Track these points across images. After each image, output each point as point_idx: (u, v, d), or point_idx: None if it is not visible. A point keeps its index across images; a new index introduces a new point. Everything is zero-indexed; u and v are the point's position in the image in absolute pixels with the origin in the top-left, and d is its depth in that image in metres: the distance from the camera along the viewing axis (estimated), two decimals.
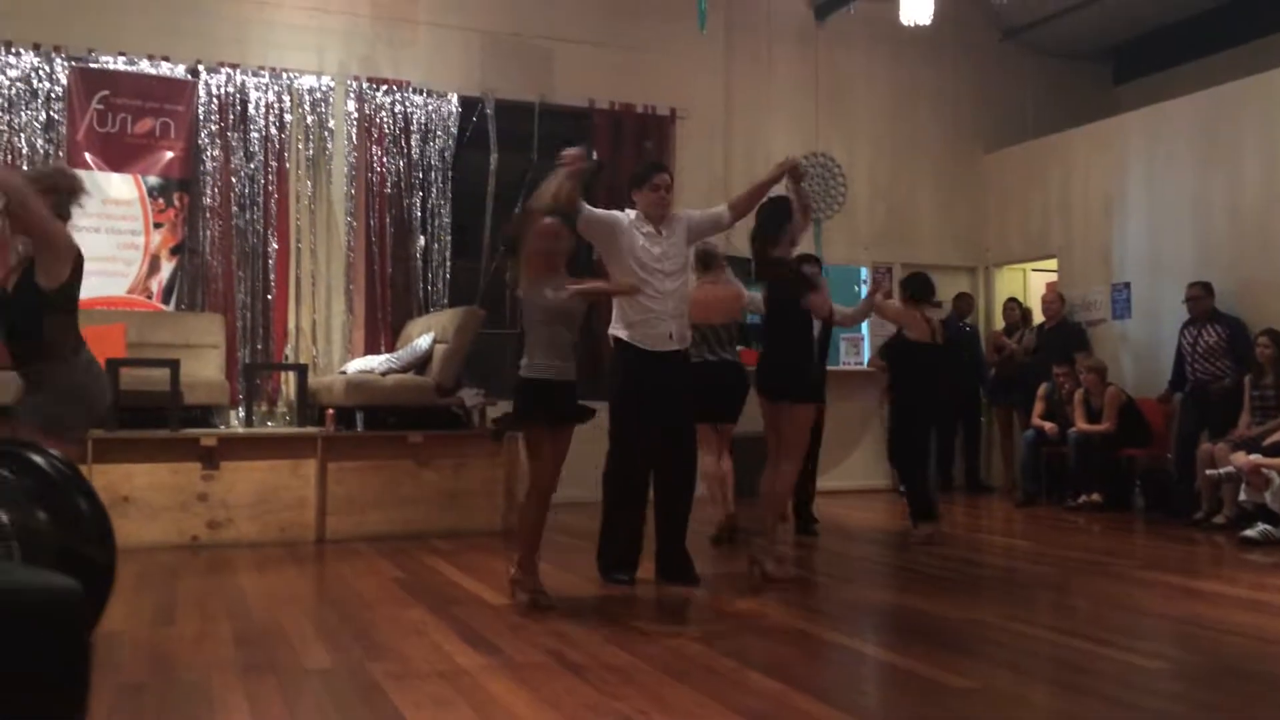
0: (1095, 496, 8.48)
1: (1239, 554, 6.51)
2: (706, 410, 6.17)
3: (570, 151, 4.96)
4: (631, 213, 5.36)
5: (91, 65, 8.02)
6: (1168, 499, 8.34)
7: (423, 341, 7.51)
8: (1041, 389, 9.21)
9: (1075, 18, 10.41)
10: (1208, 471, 7.52)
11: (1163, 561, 6.32)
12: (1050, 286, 10.25)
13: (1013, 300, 10.40)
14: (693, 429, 5.46)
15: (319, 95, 8.63)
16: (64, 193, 4.20)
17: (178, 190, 8.22)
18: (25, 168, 7.37)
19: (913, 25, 8.86)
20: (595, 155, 9.48)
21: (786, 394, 5.36)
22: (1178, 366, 8.43)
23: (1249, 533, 6.77)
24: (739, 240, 9.57)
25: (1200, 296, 8.24)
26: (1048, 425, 8.96)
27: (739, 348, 6.78)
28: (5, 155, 7.78)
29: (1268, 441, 7.14)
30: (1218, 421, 7.87)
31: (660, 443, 5.19)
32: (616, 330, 5.26)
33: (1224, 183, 8.65)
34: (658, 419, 5.15)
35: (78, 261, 4.14)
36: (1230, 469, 7.22)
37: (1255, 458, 6.97)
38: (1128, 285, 9.42)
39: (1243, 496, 7.09)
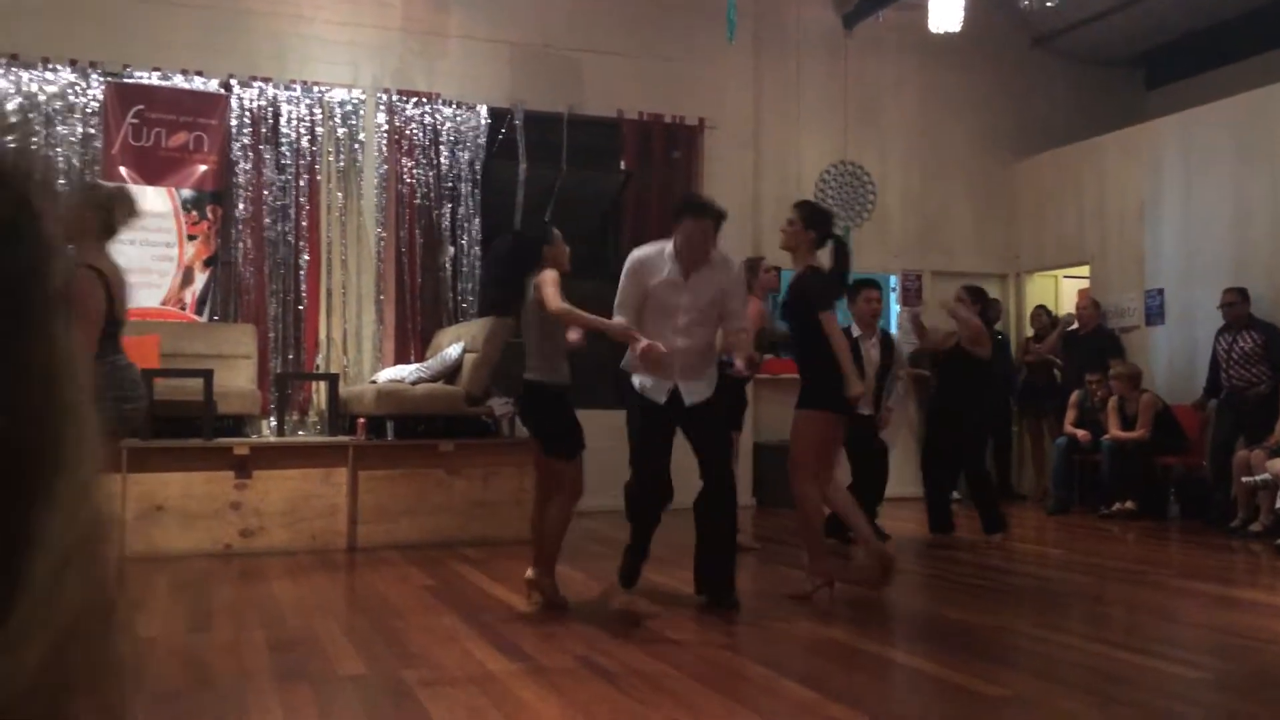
0: (1129, 504, 8.39)
1: (1276, 562, 6.42)
2: None
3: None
4: (668, 246, 4.94)
5: (127, 80, 8.13)
6: (1203, 506, 8.26)
7: (452, 351, 7.55)
8: (1074, 396, 9.14)
9: (1105, 24, 10.35)
10: (1244, 478, 7.44)
11: (1198, 570, 6.25)
12: (1083, 293, 10.17)
13: (1041, 307, 10.33)
14: (722, 452, 5.06)
15: (350, 108, 8.71)
16: (113, 211, 4.29)
17: (211, 203, 8.31)
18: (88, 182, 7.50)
19: (942, 33, 8.84)
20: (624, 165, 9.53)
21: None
22: (1213, 373, 8.34)
23: None
24: (768, 251, 9.62)
25: (1236, 302, 8.16)
26: (1080, 433, 8.89)
27: (766, 356, 6.80)
28: None
29: None
30: (1254, 428, 7.79)
31: (667, 474, 4.93)
32: (627, 366, 5.00)
33: (1260, 188, 8.55)
34: (664, 454, 4.91)
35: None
36: (1266, 476, 7.14)
37: None
38: (1161, 291, 9.33)
39: (1279, 504, 7.01)
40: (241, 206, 8.42)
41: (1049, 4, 7.93)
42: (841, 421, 5.20)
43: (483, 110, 9.06)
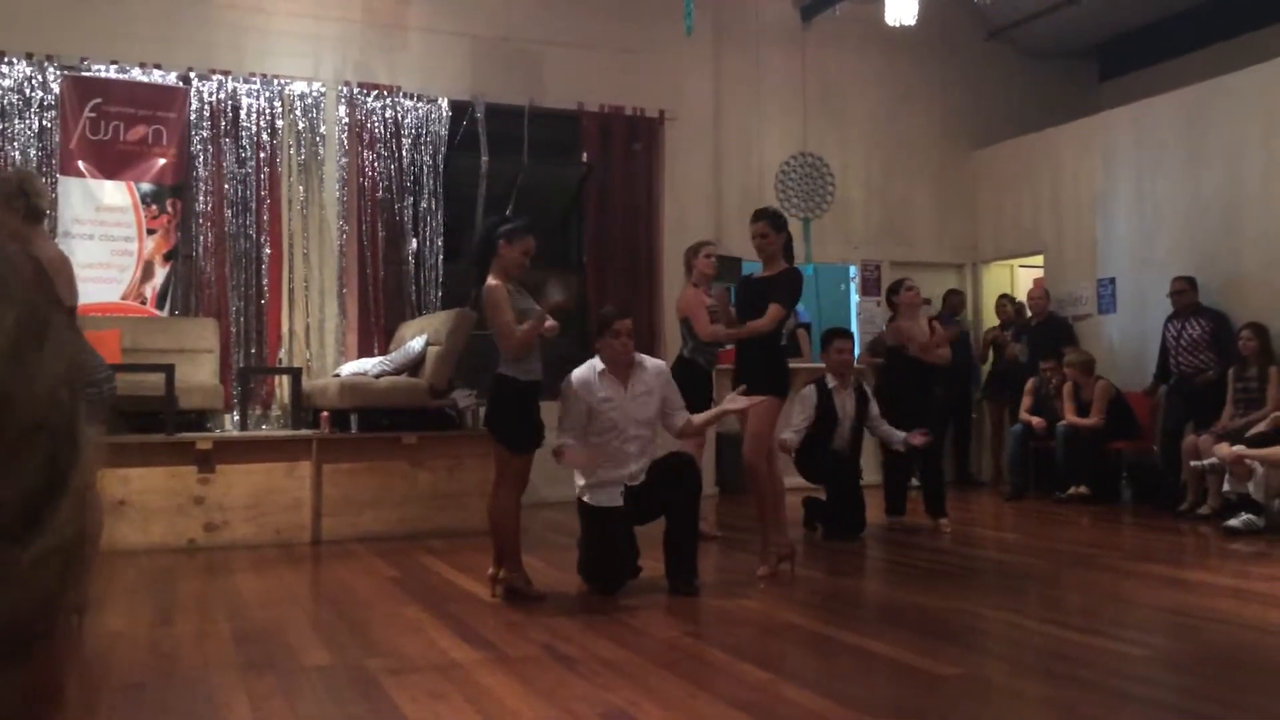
0: (1083, 489, 8.54)
1: (1223, 544, 6.59)
2: None
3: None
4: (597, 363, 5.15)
5: (84, 74, 8.06)
6: (1154, 490, 8.43)
7: (416, 344, 7.57)
8: (1029, 383, 9.27)
9: (1058, 17, 10.51)
10: (1192, 463, 7.60)
11: (1149, 552, 6.40)
12: (1038, 282, 10.34)
13: (1005, 296, 10.47)
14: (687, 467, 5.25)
15: (310, 101, 8.69)
16: (30, 195, 4.24)
17: (171, 196, 8.27)
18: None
19: (898, 25, 8.95)
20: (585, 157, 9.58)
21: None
22: (1162, 360, 8.52)
23: (1232, 522, 6.84)
24: (729, 241, 9.71)
25: (1184, 290, 8.33)
26: (1035, 420, 9.01)
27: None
28: None
29: (1251, 433, 7.23)
30: (1202, 413, 7.96)
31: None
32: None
33: (1208, 178, 8.73)
34: (628, 553, 5.13)
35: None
36: (1214, 460, 7.30)
37: (1238, 449, 7.04)
38: (1113, 280, 9.51)
39: (1227, 487, 7.17)
40: (202, 200, 8.37)
41: None
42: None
43: (444, 103, 9.06)
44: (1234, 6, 9.63)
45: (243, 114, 8.48)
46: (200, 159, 8.38)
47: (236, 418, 8.07)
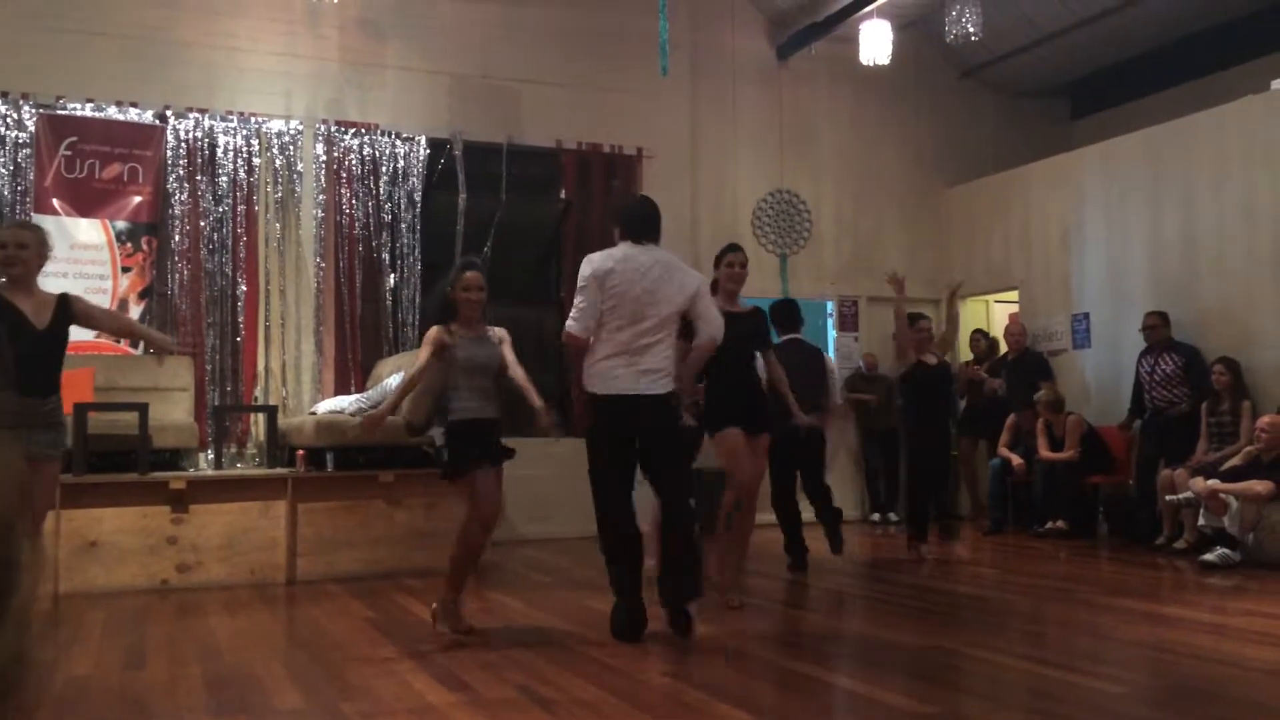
0: (1060, 523, 8.58)
1: (1199, 578, 6.62)
2: None
3: None
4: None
5: (59, 112, 8.05)
6: (1130, 525, 8.46)
7: (393, 381, 7.53)
8: (1010, 419, 9.29)
9: (1031, 56, 10.65)
10: (1168, 497, 7.64)
11: (1126, 587, 6.41)
12: (1013, 317, 10.40)
13: (979, 331, 10.53)
14: (680, 469, 4.94)
15: (287, 139, 8.69)
16: None
17: (146, 234, 8.25)
18: None
19: (872, 64, 9.06)
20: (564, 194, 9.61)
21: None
22: (1136, 394, 8.57)
23: (1208, 557, 6.88)
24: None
25: (1157, 325, 8.40)
26: (1016, 461, 9.02)
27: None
28: None
29: (1225, 467, 7.28)
30: (1176, 448, 8.00)
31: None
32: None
33: (1178, 214, 8.84)
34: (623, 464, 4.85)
35: None
36: (1189, 494, 7.34)
37: (1213, 483, 7.09)
38: (1087, 315, 9.58)
39: (1202, 521, 7.21)
40: (178, 238, 8.35)
41: (973, 37, 8.16)
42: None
43: (422, 141, 9.09)
44: (1202, 47, 9.79)
45: (219, 152, 8.47)
46: (176, 196, 8.36)
47: (211, 456, 8.00)
